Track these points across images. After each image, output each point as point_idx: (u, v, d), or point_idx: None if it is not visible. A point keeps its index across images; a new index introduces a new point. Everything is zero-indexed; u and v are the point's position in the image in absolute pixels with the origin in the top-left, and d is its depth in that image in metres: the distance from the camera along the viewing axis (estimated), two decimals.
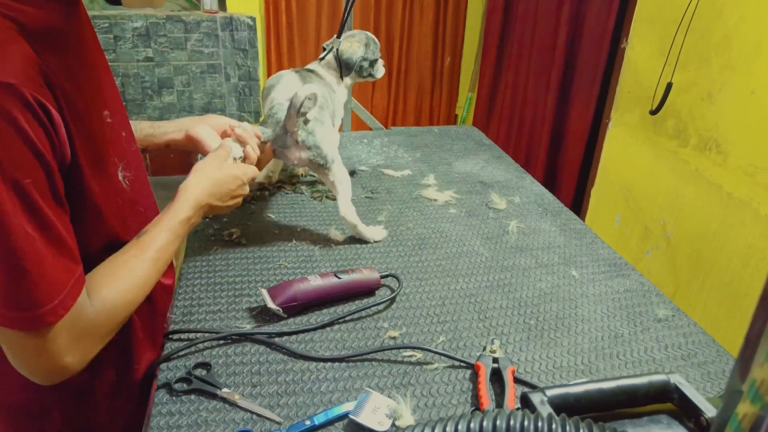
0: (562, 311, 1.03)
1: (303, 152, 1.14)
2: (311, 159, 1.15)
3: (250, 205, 1.32)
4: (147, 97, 2.64)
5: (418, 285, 1.07)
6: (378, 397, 0.78)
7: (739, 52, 1.74)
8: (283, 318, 0.95)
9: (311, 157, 1.14)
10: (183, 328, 0.92)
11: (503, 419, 0.48)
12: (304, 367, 0.85)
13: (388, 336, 0.93)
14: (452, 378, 0.85)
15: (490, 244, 1.23)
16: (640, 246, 2.21)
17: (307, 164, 1.16)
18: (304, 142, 1.13)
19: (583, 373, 0.88)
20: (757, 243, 1.69)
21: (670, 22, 1.99)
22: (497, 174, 1.58)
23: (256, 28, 2.64)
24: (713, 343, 0.97)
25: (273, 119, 1.13)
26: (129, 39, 2.51)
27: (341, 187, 1.17)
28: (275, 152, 1.16)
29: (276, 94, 1.18)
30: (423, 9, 3.50)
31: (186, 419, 0.75)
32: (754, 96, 1.69)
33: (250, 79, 2.73)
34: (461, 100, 3.84)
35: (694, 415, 0.61)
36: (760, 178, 1.68)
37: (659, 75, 2.04)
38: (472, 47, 3.67)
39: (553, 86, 2.75)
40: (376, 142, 1.75)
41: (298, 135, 1.12)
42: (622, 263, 1.19)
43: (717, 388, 0.87)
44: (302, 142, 1.13)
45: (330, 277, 0.99)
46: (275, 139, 1.13)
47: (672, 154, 2.03)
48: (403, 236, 1.24)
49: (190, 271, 1.07)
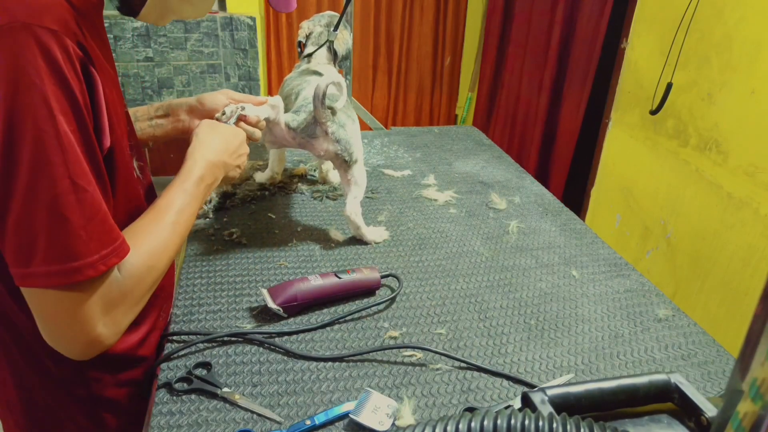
0: (562, 311, 1.03)
1: (331, 145, 1.13)
2: (338, 153, 1.13)
3: (250, 205, 1.32)
4: (147, 97, 2.63)
5: (418, 285, 1.07)
6: (378, 396, 0.78)
7: (739, 52, 1.74)
8: (283, 318, 0.95)
9: (338, 151, 1.13)
10: (183, 328, 0.92)
11: (504, 418, 0.48)
12: (305, 367, 0.85)
13: (389, 336, 0.93)
14: (452, 378, 0.85)
15: (490, 244, 1.23)
16: (640, 246, 2.22)
17: (332, 157, 1.15)
18: (334, 134, 1.12)
19: (584, 372, 0.88)
20: (757, 243, 1.69)
21: (670, 22, 1.99)
22: (497, 174, 1.58)
23: (256, 28, 2.64)
24: (713, 343, 0.97)
25: (305, 108, 1.12)
26: (129, 39, 2.51)
27: (355, 187, 1.17)
28: (301, 142, 1.14)
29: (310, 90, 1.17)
30: (423, 9, 3.50)
31: (186, 419, 0.75)
32: (754, 96, 1.69)
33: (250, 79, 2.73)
34: (461, 100, 3.84)
35: (695, 415, 0.61)
36: (760, 178, 1.68)
37: (659, 75, 2.04)
38: (472, 47, 3.67)
39: (549, 86, 2.76)
40: (376, 142, 1.75)
41: (329, 126, 1.11)
42: (622, 263, 1.19)
43: (717, 387, 0.87)
44: (332, 134, 1.12)
45: (330, 276, 0.99)
46: (304, 128, 1.11)
47: (672, 154, 2.03)
48: (403, 236, 1.24)
49: (191, 271, 1.07)
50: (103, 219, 0.65)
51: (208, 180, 0.87)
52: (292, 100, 1.21)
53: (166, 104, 1.02)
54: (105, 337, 0.67)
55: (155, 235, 0.74)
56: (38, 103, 0.58)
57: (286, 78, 1.35)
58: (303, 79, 1.24)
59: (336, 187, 1.43)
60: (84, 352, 0.67)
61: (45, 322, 0.65)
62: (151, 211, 0.77)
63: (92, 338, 0.66)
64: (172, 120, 1.02)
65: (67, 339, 0.66)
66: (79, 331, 0.65)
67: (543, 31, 2.81)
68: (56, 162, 0.59)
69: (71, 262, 0.61)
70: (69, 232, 0.61)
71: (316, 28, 1.37)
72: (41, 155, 0.59)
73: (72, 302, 0.63)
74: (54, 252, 0.61)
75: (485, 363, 0.88)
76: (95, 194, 0.64)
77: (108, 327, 0.67)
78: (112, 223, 0.66)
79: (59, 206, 0.60)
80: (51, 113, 0.59)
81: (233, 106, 1.00)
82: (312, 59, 1.35)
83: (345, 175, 1.17)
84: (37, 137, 0.58)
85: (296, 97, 1.19)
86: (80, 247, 0.62)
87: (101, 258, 0.64)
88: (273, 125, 1.10)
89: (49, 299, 0.63)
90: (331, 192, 1.40)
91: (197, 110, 1.01)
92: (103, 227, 0.65)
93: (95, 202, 0.64)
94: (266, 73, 3.20)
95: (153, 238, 0.74)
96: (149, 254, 0.72)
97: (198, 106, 1.01)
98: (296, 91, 1.21)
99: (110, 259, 0.65)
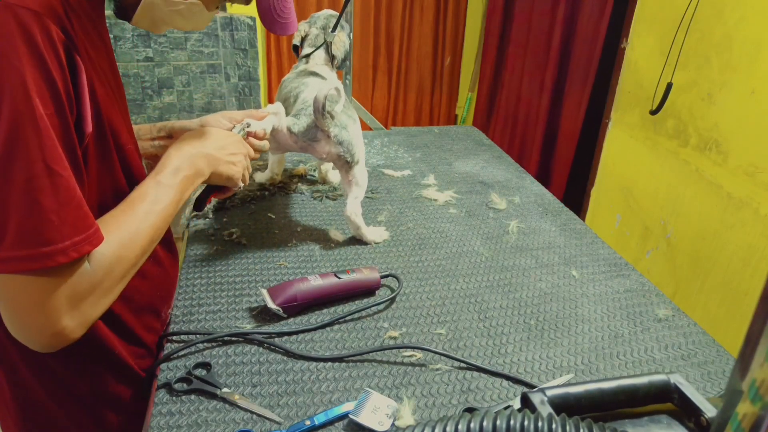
0: (562, 311, 1.03)
1: (333, 147, 1.13)
2: (340, 154, 1.14)
3: (250, 205, 1.32)
4: (147, 97, 2.63)
5: (418, 285, 1.07)
6: (378, 397, 0.78)
7: (739, 52, 1.74)
8: (283, 318, 0.95)
9: (340, 153, 1.14)
10: (183, 328, 0.92)
11: (503, 419, 0.48)
12: (304, 367, 0.85)
13: (388, 336, 0.93)
14: (452, 378, 0.85)
15: (490, 244, 1.23)
16: (640, 246, 2.21)
17: (334, 159, 1.15)
18: (337, 136, 1.12)
19: (583, 373, 0.88)
20: (757, 243, 1.69)
21: (670, 22, 1.99)
22: (497, 174, 1.58)
23: (256, 28, 2.63)
24: (713, 343, 0.97)
25: (306, 112, 1.13)
26: (129, 39, 2.51)
27: (356, 188, 1.17)
28: (303, 146, 1.14)
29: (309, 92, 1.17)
30: (423, 9, 3.50)
31: (186, 419, 0.75)
32: (754, 96, 1.69)
33: (250, 79, 2.73)
34: (461, 100, 3.84)
35: (695, 415, 0.61)
36: (760, 178, 1.68)
37: (659, 75, 2.04)
38: (472, 47, 3.67)
39: (550, 86, 2.76)
40: (376, 142, 1.75)
41: (330, 130, 1.11)
42: (622, 263, 1.19)
43: (717, 388, 0.87)
44: (334, 136, 1.12)
45: (330, 277, 0.99)
46: (305, 132, 1.12)
47: (672, 154, 2.03)
48: (403, 236, 1.23)
49: (190, 271, 1.07)
50: (77, 205, 0.64)
51: (187, 171, 0.84)
52: (291, 102, 1.21)
53: (168, 125, 1.02)
54: (70, 330, 0.66)
55: (126, 226, 0.73)
56: (15, 85, 0.57)
57: (284, 79, 1.35)
58: (301, 81, 1.24)
59: (336, 187, 1.43)
60: (48, 344, 0.66)
61: (9, 310, 0.64)
62: (122, 204, 0.76)
63: (57, 330, 0.65)
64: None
65: (31, 329, 0.65)
66: (44, 322, 0.64)
67: (543, 31, 2.82)
68: (31, 145, 0.58)
69: (42, 247, 0.60)
70: (41, 217, 0.60)
71: (312, 30, 1.37)
72: (15, 137, 0.58)
73: (39, 290, 0.62)
74: (24, 236, 0.59)
75: (485, 363, 0.88)
76: (70, 180, 0.63)
77: (74, 319, 0.66)
78: (86, 210, 0.65)
79: (32, 190, 0.59)
80: (27, 95, 0.58)
81: (238, 125, 1.00)
82: (310, 60, 1.35)
83: (346, 175, 1.17)
84: (12, 119, 0.57)
85: (295, 99, 1.19)
86: (52, 232, 0.61)
87: (73, 244, 0.62)
88: (276, 132, 1.10)
89: (15, 286, 0.62)
90: (331, 192, 1.40)
91: None
92: (78, 213, 0.64)
93: (70, 188, 0.62)
94: (266, 73, 3.20)
95: (123, 228, 0.72)
96: (118, 244, 0.71)
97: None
98: (295, 93, 1.21)
99: (83, 246, 0.64)
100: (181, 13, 0.81)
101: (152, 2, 0.78)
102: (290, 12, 0.93)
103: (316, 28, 1.37)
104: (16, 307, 0.64)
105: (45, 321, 0.64)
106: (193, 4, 0.81)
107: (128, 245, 0.72)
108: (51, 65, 0.60)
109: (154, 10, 0.79)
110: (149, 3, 0.78)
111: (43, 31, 0.59)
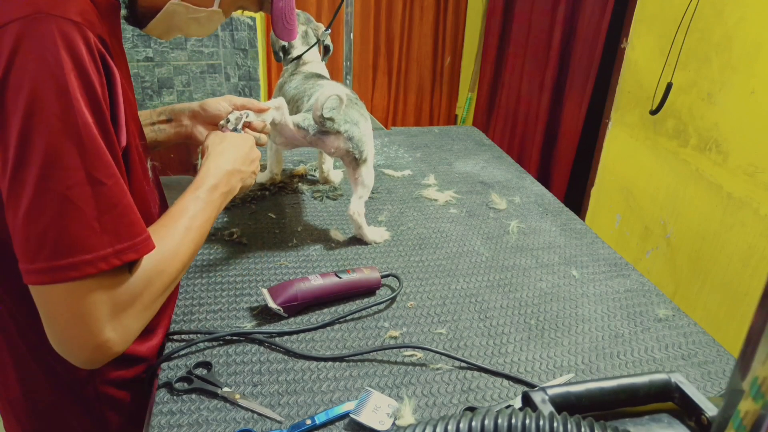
0: (563, 311, 1.03)
1: (343, 142, 1.13)
2: (349, 150, 1.13)
3: (251, 205, 1.32)
4: (147, 97, 2.64)
5: (418, 285, 1.07)
6: (379, 396, 0.78)
7: (739, 52, 1.74)
8: (283, 317, 0.95)
9: (350, 149, 1.13)
10: (184, 327, 0.92)
11: (504, 418, 0.48)
12: (305, 367, 0.85)
13: (389, 335, 0.93)
14: (453, 378, 0.85)
15: (490, 244, 1.23)
16: (640, 246, 2.22)
17: (342, 155, 1.15)
18: (347, 132, 1.12)
19: (584, 372, 0.88)
20: (757, 243, 1.69)
21: (670, 22, 1.99)
22: (497, 174, 1.58)
23: (256, 28, 2.64)
24: (713, 342, 0.97)
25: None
26: (129, 39, 2.51)
27: (362, 187, 1.17)
28: (312, 140, 1.13)
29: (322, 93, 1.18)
30: (423, 9, 3.50)
31: (187, 418, 0.75)
32: (754, 96, 1.69)
33: (250, 79, 2.73)
34: (461, 100, 3.84)
35: (695, 414, 0.61)
36: (760, 178, 1.68)
37: (659, 75, 2.04)
38: (472, 47, 3.67)
39: (550, 86, 2.76)
40: (376, 142, 1.75)
41: (341, 126, 1.11)
42: (622, 263, 1.19)
43: (717, 387, 0.87)
44: (345, 132, 1.12)
45: (331, 276, 0.99)
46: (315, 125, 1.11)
47: (672, 154, 2.04)
48: (403, 236, 1.24)
49: (191, 271, 1.07)
50: (122, 213, 0.63)
51: (223, 188, 0.85)
52: (304, 101, 1.21)
53: (168, 109, 1.02)
54: (113, 342, 0.65)
55: (166, 240, 0.73)
56: (59, 94, 0.58)
57: (281, 82, 1.35)
58: (312, 83, 1.24)
59: (336, 187, 1.43)
60: (91, 357, 0.65)
61: (52, 324, 0.63)
62: (163, 218, 0.77)
63: (100, 342, 0.64)
64: (175, 125, 1.02)
65: (74, 343, 0.64)
66: (87, 334, 0.63)
67: (543, 31, 2.81)
68: (71, 153, 0.59)
69: (82, 254, 0.60)
70: (82, 224, 0.60)
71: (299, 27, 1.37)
72: (57, 147, 0.58)
73: (80, 300, 0.61)
74: (64, 245, 0.59)
75: (485, 363, 0.88)
76: (114, 187, 0.62)
77: (116, 331, 0.65)
78: (134, 218, 0.65)
79: (72, 197, 0.59)
80: (70, 104, 0.58)
81: (237, 113, 1.00)
82: (302, 60, 1.35)
83: (353, 173, 1.17)
84: (53, 128, 0.58)
85: (308, 98, 1.20)
86: (93, 239, 0.60)
87: (115, 252, 0.62)
88: (282, 127, 1.10)
89: (57, 297, 0.61)
90: (332, 192, 1.40)
91: (200, 116, 1.01)
92: (122, 221, 0.63)
93: (114, 195, 0.62)
94: (266, 73, 3.19)
95: (164, 242, 0.72)
96: (159, 258, 0.71)
97: (200, 112, 1.01)
98: (309, 93, 1.21)
99: (126, 254, 0.63)
100: (199, 21, 0.82)
101: (174, 10, 0.78)
102: (295, 19, 0.95)
103: (303, 24, 1.37)
104: (59, 319, 0.63)
105: (87, 332, 0.63)
106: (214, 12, 0.82)
107: (169, 259, 0.72)
108: (93, 75, 0.60)
109: (173, 18, 0.79)
110: (170, 11, 0.78)
111: (84, 42, 0.60)
